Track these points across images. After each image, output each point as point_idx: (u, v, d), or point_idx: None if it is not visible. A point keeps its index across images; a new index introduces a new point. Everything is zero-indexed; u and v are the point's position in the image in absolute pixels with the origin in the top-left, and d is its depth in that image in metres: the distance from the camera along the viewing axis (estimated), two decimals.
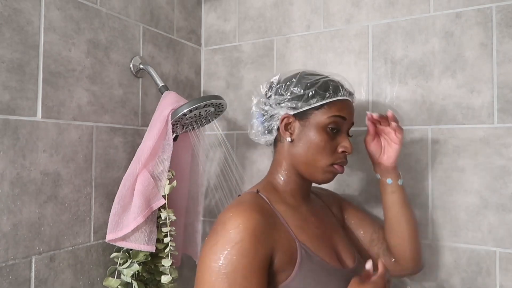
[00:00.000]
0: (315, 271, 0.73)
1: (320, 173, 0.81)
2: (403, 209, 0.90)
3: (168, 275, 0.99)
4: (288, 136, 0.83)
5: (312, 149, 0.80)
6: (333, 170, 0.81)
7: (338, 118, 0.81)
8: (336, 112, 0.81)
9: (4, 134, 0.81)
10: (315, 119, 0.81)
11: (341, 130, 0.82)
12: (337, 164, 0.81)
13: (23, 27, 0.85)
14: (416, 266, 0.92)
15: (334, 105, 0.81)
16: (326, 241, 0.81)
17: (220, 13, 1.37)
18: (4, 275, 0.80)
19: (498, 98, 0.96)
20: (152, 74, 1.09)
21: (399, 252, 0.90)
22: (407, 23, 1.07)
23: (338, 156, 0.81)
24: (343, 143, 0.81)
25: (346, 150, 0.81)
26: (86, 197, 0.97)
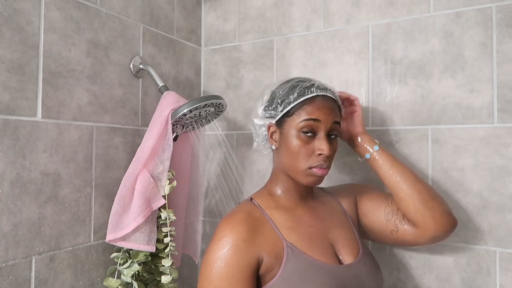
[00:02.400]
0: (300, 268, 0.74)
1: (301, 176, 0.82)
2: (394, 169, 0.88)
3: (168, 275, 0.99)
4: (273, 144, 0.87)
5: (289, 155, 0.82)
6: (312, 173, 0.81)
7: (310, 121, 0.80)
8: (306, 116, 0.81)
9: (4, 134, 0.81)
10: (289, 125, 0.82)
11: (317, 132, 0.81)
12: (315, 167, 0.80)
13: (23, 27, 0.85)
14: (437, 222, 0.84)
15: (304, 109, 0.81)
16: (321, 239, 0.81)
17: (220, 13, 1.37)
18: (4, 275, 0.80)
19: (498, 98, 0.96)
20: (152, 74, 1.09)
21: (412, 214, 0.85)
22: (407, 23, 1.07)
23: (315, 160, 0.80)
24: (319, 146, 0.80)
25: (322, 153, 0.80)
26: (86, 197, 0.97)
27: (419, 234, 0.86)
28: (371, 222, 0.92)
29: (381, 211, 0.91)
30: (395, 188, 0.87)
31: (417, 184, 0.87)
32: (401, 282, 1.06)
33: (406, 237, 0.88)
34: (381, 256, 1.08)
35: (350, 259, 0.82)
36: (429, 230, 0.85)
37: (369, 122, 1.11)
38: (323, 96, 0.83)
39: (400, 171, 0.88)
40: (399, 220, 0.89)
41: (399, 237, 0.89)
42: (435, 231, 0.85)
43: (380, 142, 1.09)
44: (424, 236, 0.86)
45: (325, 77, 1.18)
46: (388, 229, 0.90)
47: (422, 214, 0.84)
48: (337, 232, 0.85)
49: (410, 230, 0.87)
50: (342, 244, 0.83)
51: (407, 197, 0.86)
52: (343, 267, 0.78)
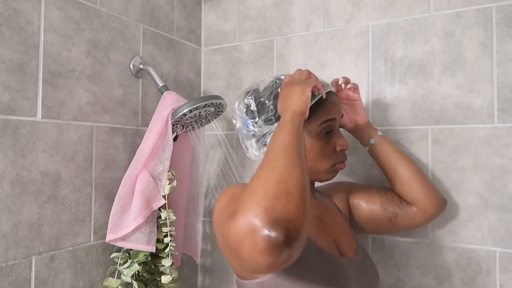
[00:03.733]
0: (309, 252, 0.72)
1: (323, 175, 0.83)
2: (395, 153, 0.93)
3: (168, 275, 0.99)
4: None
5: (311, 157, 0.80)
6: (335, 169, 0.83)
7: (329, 122, 0.81)
8: (324, 117, 0.80)
9: (4, 134, 0.81)
10: (307, 128, 0.78)
11: (334, 129, 0.83)
12: (338, 163, 0.83)
13: (23, 27, 0.85)
14: (436, 201, 0.91)
15: (322, 110, 0.79)
16: (326, 232, 0.82)
17: (220, 13, 1.37)
18: (4, 275, 0.80)
19: (498, 98, 0.96)
20: (152, 74, 1.09)
21: (413, 194, 0.90)
22: (407, 23, 1.07)
23: (338, 156, 0.82)
24: (339, 142, 0.82)
25: (344, 148, 0.82)
26: (86, 197, 0.97)
27: (419, 215, 0.91)
28: (366, 214, 0.95)
29: (376, 202, 0.94)
30: (399, 169, 0.92)
31: (416, 166, 0.93)
32: (401, 282, 1.06)
33: (406, 220, 0.92)
34: (381, 256, 1.08)
35: (352, 254, 0.82)
36: (429, 209, 0.90)
37: None
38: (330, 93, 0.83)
39: (402, 154, 0.93)
40: (397, 206, 0.92)
41: (399, 222, 0.92)
42: (434, 209, 0.91)
43: None
44: (424, 215, 0.91)
45: (325, 77, 1.17)
46: (386, 217, 0.93)
47: (424, 194, 0.90)
48: (338, 228, 0.86)
49: (409, 212, 0.91)
50: (343, 241, 0.84)
51: (410, 178, 0.91)
52: (347, 260, 0.79)
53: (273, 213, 0.53)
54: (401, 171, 0.92)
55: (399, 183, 0.92)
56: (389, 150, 0.93)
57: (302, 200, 0.56)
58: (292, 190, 0.56)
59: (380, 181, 1.09)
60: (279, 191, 0.56)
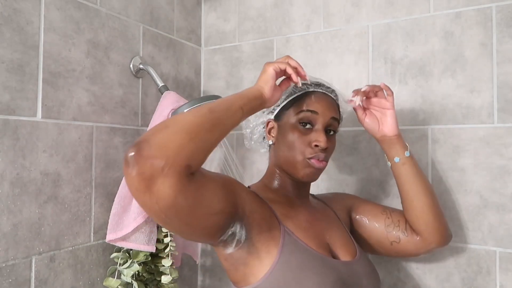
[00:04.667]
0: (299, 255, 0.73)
1: (299, 169, 0.81)
2: (417, 178, 0.87)
3: (168, 275, 0.99)
4: (270, 139, 0.87)
5: (286, 147, 0.82)
6: (310, 164, 0.80)
7: (308, 113, 0.81)
8: (304, 107, 0.81)
9: (4, 134, 0.81)
10: (287, 117, 0.83)
11: (315, 125, 0.81)
12: (312, 158, 0.80)
13: (23, 27, 0.84)
14: (442, 236, 0.89)
15: (303, 101, 0.82)
16: (317, 235, 0.80)
17: (220, 13, 1.37)
18: (4, 275, 0.80)
19: (498, 98, 0.96)
20: (152, 74, 1.09)
21: (422, 226, 0.87)
22: (407, 23, 1.07)
23: (312, 151, 0.80)
24: (316, 137, 0.80)
25: (318, 144, 0.79)
26: (86, 197, 0.97)
27: (422, 245, 0.89)
28: (368, 233, 0.93)
29: (380, 223, 0.92)
30: (414, 197, 0.87)
31: (434, 197, 0.89)
32: (401, 282, 1.06)
33: (407, 248, 0.90)
34: (381, 256, 1.08)
35: (348, 258, 0.81)
36: (434, 242, 0.88)
37: None
38: (322, 92, 0.85)
39: (423, 182, 0.88)
40: (401, 232, 0.90)
41: (400, 248, 0.90)
42: (439, 243, 0.89)
43: None
44: (427, 247, 0.89)
45: (325, 77, 1.17)
46: (388, 240, 0.91)
47: (433, 227, 0.87)
48: (333, 233, 0.84)
49: (413, 241, 0.89)
50: (339, 245, 0.82)
51: (423, 209, 0.87)
52: (341, 263, 0.78)
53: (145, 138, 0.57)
54: (417, 199, 0.87)
55: (412, 210, 0.88)
56: (411, 174, 0.87)
57: (175, 133, 0.58)
58: (171, 124, 0.60)
59: (380, 181, 1.09)
60: (161, 125, 0.60)
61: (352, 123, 1.13)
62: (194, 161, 0.60)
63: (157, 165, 0.55)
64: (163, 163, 0.55)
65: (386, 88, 0.86)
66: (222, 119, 0.66)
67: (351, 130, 1.13)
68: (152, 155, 0.55)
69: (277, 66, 0.74)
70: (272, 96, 0.76)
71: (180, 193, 0.57)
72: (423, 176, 0.89)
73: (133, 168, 0.55)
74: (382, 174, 1.09)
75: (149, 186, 0.55)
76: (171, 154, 0.56)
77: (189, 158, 0.58)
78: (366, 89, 0.85)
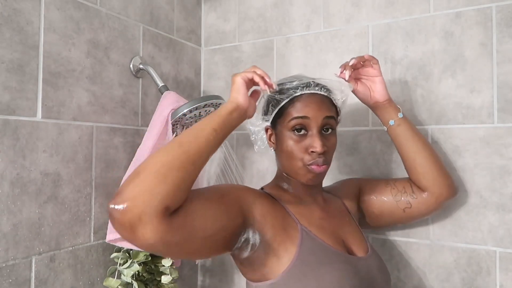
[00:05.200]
0: (317, 252, 0.75)
1: (300, 175, 0.81)
2: (414, 137, 0.91)
3: (168, 275, 0.99)
4: (271, 146, 0.87)
5: (285, 155, 0.82)
6: (310, 170, 0.79)
7: (299, 119, 0.79)
8: (294, 114, 0.80)
9: (4, 134, 0.81)
10: (281, 126, 0.83)
11: (309, 129, 0.80)
12: (311, 164, 0.79)
13: (23, 27, 0.84)
14: (449, 186, 0.91)
15: (293, 107, 0.81)
16: (332, 232, 0.81)
17: (220, 13, 1.37)
18: (4, 275, 0.80)
19: (498, 98, 0.96)
20: (152, 74, 1.09)
21: (429, 180, 0.90)
22: (407, 23, 1.07)
23: (310, 157, 0.79)
24: (311, 143, 0.79)
25: (314, 150, 0.78)
26: (86, 197, 0.97)
27: (432, 201, 0.91)
28: (379, 209, 0.95)
29: (387, 195, 0.94)
30: (415, 154, 0.90)
31: (434, 152, 0.92)
32: (401, 282, 1.06)
33: (420, 209, 0.92)
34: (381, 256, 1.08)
35: (361, 254, 0.82)
36: (442, 194, 0.91)
37: (369, 122, 1.11)
38: (310, 93, 0.82)
39: (421, 139, 0.92)
40: (410, 196, 0.93)
41: (413, 212, 0.93)
42: (447, 194, 0.91)
43: (381, 142, 1.09)
44: (438, 201, 0.91)
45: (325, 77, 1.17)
46: (400, 208, 0.93)
47: (439, 179, 0.90)
48: (346, 229, 0.85)
49: (423, 200, 0.91)
50: (352, 241, 0.84)
51: (426, 163, 0.90)
52: (356, 258, 0.79)
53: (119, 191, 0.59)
54: (418, 156, 0.90)
55: (415, 168, 0.91)
56: (407, 133, 0.91)
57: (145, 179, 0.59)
58: (142, 170, 0.61)
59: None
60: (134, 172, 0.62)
61: (352, 123, 1.13)
62: (171, 201, 0.60)
63: (134, 216, 0.57)
64: (139, 212, 0.57)
65: (370, 58, 0.89)
66: (193, 151, 0.65)
67: (351, 130, 1.13)
68: (127, 208, 0.57)
69: (244, 75, 0.75)
70: (250, 105, 0.77)
71: (164, 234, 0.59)
72: (420, 134, 0.92)
73: (114, 221, 0.59)
74: (382, 174, 1.09)
75: (132, 234, 0.58)
76: (145, 201, 0.58)
77: (165, 200, 0.59)
78: (353, 62, 0.87)
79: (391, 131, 0.93)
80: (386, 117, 0.92)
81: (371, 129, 1.10)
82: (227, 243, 0.71)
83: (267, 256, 0.73)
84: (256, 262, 0.74)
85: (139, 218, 0.57)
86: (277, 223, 0.75)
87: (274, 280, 0.73)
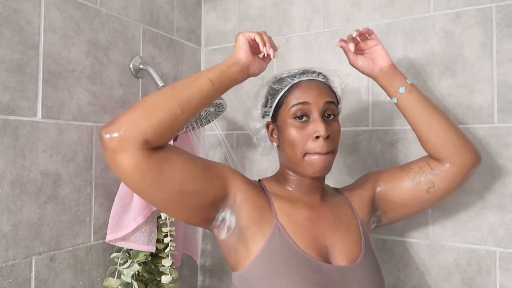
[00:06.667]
0: (283, 250, 0.74)
1: (304, 167, 0.78)
2: (428, 102, 0.85)
3: (168, 275, 0.99)
4: (274, 141, 0.86)
5: (287, 146, 0.80)
6: (312, 161, 0.77)
7: (300, 105, 0.78)
8: (294, 101, 0.79)
9: (4, 134, 0.81)
10: (282, 116, 0.81)
11: (311, 115, 0.78)
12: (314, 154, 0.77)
13: (23, 27, 0.84)
14: (472, 152, 0.85)
15: (292, 95, 0.80)
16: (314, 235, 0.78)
17: (220, 13, 1.37)
18: (4, 275, 0.80)
19: (498, 98, 0.96)
20: (152, 74, 1.09)
21: (450, 148, 0.83)
22: (407, 23, 1.07)
23: (313, 145, 0.76)
24: (314, 128, 0.76)
25: (318, 134, 0.76)
26: (86, 197, 0.97)
27: (456, 172, 0.84)
28: (402, 198, 0.88)
29: (406, 181, 0.88)
30: (432, 121, 0.84)
31: (449, 118, 0.86)
32: (401, 282, 1.06)
33: (445, 185, 0.85)
34: (381, 256, 1.08)
35: (345, 263, 0.77)
36: (466, 162, 0.84)
37: (369, 122, 1.11)
38: (309, 80, 0.82)
39: (435, 106, 0.85)
40: (429, 173, 0.86)
41: (438, 190, 0.86)
42: (472, 161, 0.84)
43: (381, 142, 1.09)
44: (462, 171, 0.84)
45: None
46: (423, 190, 0.86)
47: (460, 145, 0.83)
48: (338, 235, 0.81)
49: (445, 174, 0.84)
50: (339, 248, 0.79)
51: (445, 129, 0.83)
52: (330, 267, 0.75)
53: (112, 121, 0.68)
54: (436, 123, 0.83)
55: (434, 137, 0.84)
56: (420, 101, 0.84)
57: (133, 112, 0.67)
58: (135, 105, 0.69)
59: None
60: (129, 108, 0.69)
61: (352, 123, 1.13)
62: (150, 136, 0.66)
63: (116, 142, 0.65)
64: (121, 139, 0.65)
65: (366, 30, 0.85)
66: (184, 96, 0.70)
67: (351, 130, 1.13)
68: (112, 135, 0.65)
69: (247, 34, 0.76)
70: (254, 63, 0.77)
71: (140, 164, 0.66)
72: (432, 101, 0.86)
73: (102, 146, 0.67)
74: None
75: (114, 159, 0.66)
76: (127, 130, 0.65)
77: (144, 134, 0.66)
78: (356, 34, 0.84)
79: (401, 101, 0.85)
80: (395, 84, 0.85)
81: (371, 129, 1.10)
82: (204, 213, 0.75)
83: (239, 243, 0.76)
84: (231, 247, 0.77)
85: (120, 144, 0.65)
86: (254, 213, 0.77)
87: (242, 271, 0.75)
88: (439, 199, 0.89)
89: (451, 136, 0.83)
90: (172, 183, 0.69)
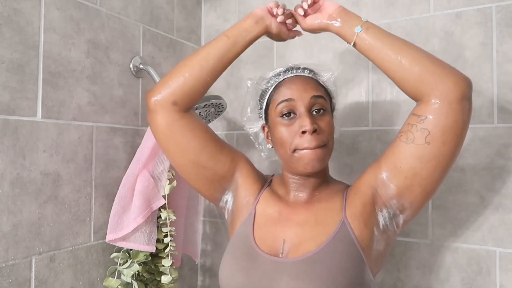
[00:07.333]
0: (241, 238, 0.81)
1: (294, 163, 0.77)
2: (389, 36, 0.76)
3: (168, 275, 0.99)
4: (269, 143, 0.87)
5: (278, 144, 0.80)
6: (302, 156, 0.75)
7: (284, 103, 0.78)
8: (280, 98, 0.80)
9: (4, 134, 0.81)
10: (271, 116, 0.83)
11: (297, 111, 0.78)
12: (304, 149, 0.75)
13: (23, 27, 0.84)
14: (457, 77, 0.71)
15: (277, 94, 0.82)
16: (277, 228, 0.79)
17: (220, 13, 1.37)
18: (4, 275, 0.80)
19: (498, 98, 0.96)
20: (152, 74, 1.09)
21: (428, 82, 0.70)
22: (407, 23, 1.07)
23: (300, 140, 0.75)
24: (300, 123, 0.76)
25: (304, 129, 0.74)
26: (86, 197, 0.97)
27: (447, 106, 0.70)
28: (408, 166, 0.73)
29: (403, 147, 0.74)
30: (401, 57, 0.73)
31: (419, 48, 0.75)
32: (401, 282, 1.06)
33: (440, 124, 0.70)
34: None
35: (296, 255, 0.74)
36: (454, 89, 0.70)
37: (369, 122, 1.11)
38: (294, 76, 0.82)
39: (399, 38, 0.76)
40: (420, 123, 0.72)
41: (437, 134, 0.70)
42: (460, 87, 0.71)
43: (381, 142, 1.09)
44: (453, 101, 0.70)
45: None
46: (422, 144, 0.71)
47: (441, 74, 0.71)
48: (300, 230, 0.77)
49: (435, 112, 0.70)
50: (296, 243, 0.76)
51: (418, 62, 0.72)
52: (265, 257, 0.75)
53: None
54: (404, 58, 0.72)
55: (406, 70, 0.72)
56: (381, 34, 0.75)
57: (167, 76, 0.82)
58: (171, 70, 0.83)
59: None
60: None
61: (352, 123, 1.13)
62: (178, 98, 0.80)
63: (155, 103, 0.81)
64: (158, 101, 0.81)
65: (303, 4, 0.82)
66: (203, 53, 0.81)
67: (351, 130, 1.13)
68: (153, 96, 0.82)
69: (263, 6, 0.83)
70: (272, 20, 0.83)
71: (169, 125, 0.81)
72: (394, 35, 0.77)
73: (147, 107, 0.83)
74: None
75: (151, 119, 0.83)
76: (161, 93, 0.81)
77: (173, 94, 0.80)
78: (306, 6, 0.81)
79: (360, 41, 0.76)
80: (349, 26, 0.76)
81: (371, 129, 1.10)
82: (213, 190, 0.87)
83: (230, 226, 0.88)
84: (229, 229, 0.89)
85: (157, 106, 0.81)
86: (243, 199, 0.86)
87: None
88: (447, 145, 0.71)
89: (426, 64, 0.72)
90: (190, 151, 0.82)
